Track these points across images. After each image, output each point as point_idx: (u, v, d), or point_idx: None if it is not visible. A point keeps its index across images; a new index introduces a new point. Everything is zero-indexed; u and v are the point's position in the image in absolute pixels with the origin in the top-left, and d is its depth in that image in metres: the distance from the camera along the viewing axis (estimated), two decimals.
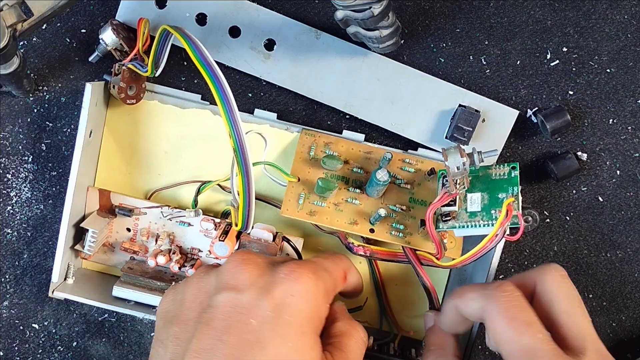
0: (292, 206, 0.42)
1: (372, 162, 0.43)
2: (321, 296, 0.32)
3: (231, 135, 0.36)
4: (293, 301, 0.30)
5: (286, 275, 0.31)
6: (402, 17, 0.45)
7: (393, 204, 0.42)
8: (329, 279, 0.34)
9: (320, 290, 0.32)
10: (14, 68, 0.41)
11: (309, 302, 0.31)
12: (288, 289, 0.31)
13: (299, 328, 0.30)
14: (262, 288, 0.31)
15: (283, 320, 0.30)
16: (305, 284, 0.31)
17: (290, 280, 0.31)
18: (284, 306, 0.30)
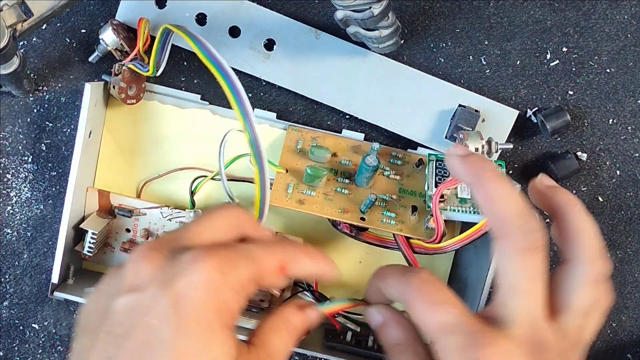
0: (280, 195, 0.42)
1: (360, 154, 0.44)
2: (230, 287, 0.28)
3: (245, 128, 0.36)
4: (196, 294, 0.27)
5: (188, 265, 0.27)
6: (402, 17, 0.45)
7: (383, 194, 0.42)
8: (247, 270, 0.29)
9: (229, 281, 0.28)
10: (14, 68, 0.41)
11: (214, 294, 0.27)
12: (189, 280, 0.27)
13: (204, 323, 0.27)
14: (163, 282, 0.27)
15: (186, 316, 0.26)
16: (209, 273, 0.27)
17: (191, 270, 0.27)
18: (185, 299, 0.27)
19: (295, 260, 0.32)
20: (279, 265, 0.31)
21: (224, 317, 0.28)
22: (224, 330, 0.28)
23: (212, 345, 0.27)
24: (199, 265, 0.27)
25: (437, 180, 0.41)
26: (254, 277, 0.29)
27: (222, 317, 0.28)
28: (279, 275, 0.31)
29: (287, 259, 0.31)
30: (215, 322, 0.27)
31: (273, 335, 0.32)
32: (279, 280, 0.31)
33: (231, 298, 0.28)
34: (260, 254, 0.30)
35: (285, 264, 0.31)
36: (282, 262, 0.31)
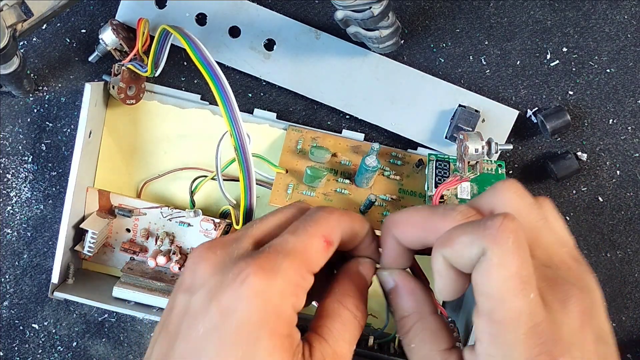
0: (280, 196, 0.42)
1: (360, 155, 0.44)
2: (277, 294, 0.28)
3: (232, 133, 0.36)
4: (240, 306, 0.27)
5: (234, 277, 0.28)
6: (402, 17, 0.45)
7: (383, 194, 0.42)
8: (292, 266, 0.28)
9: (275, 288, 0.27)
10: (14, 68, 0.41)
11: (259, 305, 0.27)
12: (235, 293, 0.27)
13: (250, 334, 0.27)
14: (211, 291, 0.28)
15: (231, 328, 0.27)
16: (253, 286, 0.27)
17: (237, 284, 0.27)
18: (231, 312, 0.27)
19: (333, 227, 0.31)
20: (322, 238, 0.30)
21: (274, 325, 0.27)
22: (273, 339, 0.27)
23: (257, 356, 0.27)
24: (243, 278, 0.27)
25: (437, 180, 0.41)
26: (300, 267, 0.29)
27: (272, 325, 0.27)
28: (324, 248, 0.30)
29: (325, 229, 0.30)
30: (263, 332, 0.27)
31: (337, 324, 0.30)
32: (328, 253, 0.30)
33: (282, 303, 0.28)
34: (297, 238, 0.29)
35: (326, 232, 0.30)
36: (324, 234, 0.30)
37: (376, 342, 0.44)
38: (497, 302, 0.25)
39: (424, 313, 0.31)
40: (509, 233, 0.25)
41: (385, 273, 0.32)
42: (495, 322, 0.25)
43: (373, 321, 0.45)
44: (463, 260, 0.26)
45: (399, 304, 0.31)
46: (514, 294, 0.25)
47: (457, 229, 0.27)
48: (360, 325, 0.31)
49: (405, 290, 0.31)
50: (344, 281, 0.32)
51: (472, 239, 0.26)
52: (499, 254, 0.25)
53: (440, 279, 0.28)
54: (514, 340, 0.25)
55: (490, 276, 0.25)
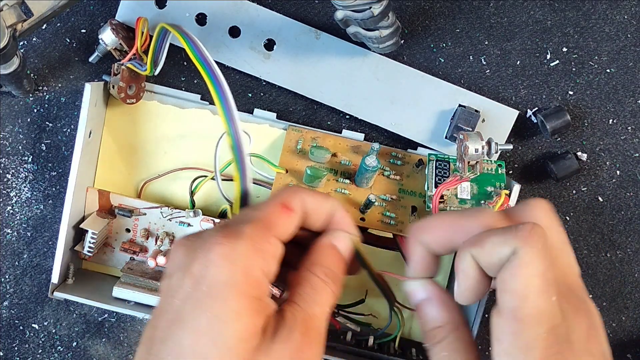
0: None
1: (360, 155, 0.43)
2: (242, 256, 0.29)
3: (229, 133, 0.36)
4: (208, 272, 0.28)
5: (201, 248, 0.29)
6: (402, 17, 0.45)
7: (383, 194, 0.42)
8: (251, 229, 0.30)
9: (239, 251, 0.29)
10: (14, 68, 0.41)
11: (224, 266, 0.28)
12: (203, 261, 0.29)
13: (218, 296, 0.28)
14: (185, 267, 0.29)
15: (201, 293, 0.28)
16: (217, 250, 0.29)
17: (204, 251, 0.29)
18: (201, 278, 0.28)
19: (290, 195, 0.32)
20: (280, 205, 0.31)
21: (242, 286, 0.28)
22: (241, 299, 0.28)
23: (223, 316, 0.28)
24: (209, 246, 0.29)
25: (437, 180, 0.41)
26: (263, 232, 0.30)
27: (240, 286, 0.28)
28: (285, 213, 0.31)
29: (283, 198, 0.32)
30: (231, 293, 0.28)
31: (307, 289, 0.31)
32: (290, 220, 0.31)
33: (249, 265, 0.29)
34: (257, 208, 0.31)
35: (285, 200, 0.31)
36: (282, 202, 0.31)
37: (376, 342, 0.44)
38: (522, 300, 0.26)
39: (458, 324, 0.31)
40: (539, 237, 0.26)
41: (417, 283, 0.32)
42: (518, 319, 0.26)
43: (373, 321, 0.45)
44: (492, 259, 0.27)
45: (433, 314, 0.32)
46: (538, 294, 0.26)
47: (488, 231, 0.28)
48: (332, 291, 0.32)
49: (439, 300, 0.32)
50: (314, 252, 0.33)
51: (505, 239, 0.27)
52: (529, 254, 0.26)
53: (465, 279, 0.29)
54: (534, 339, 0.26)
55: (519, 273, 0.26)
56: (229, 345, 0.28)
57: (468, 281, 0.29)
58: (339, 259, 0.33)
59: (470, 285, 0.29)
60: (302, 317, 0.30)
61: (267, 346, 0.29)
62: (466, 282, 0.29)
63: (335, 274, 0.33)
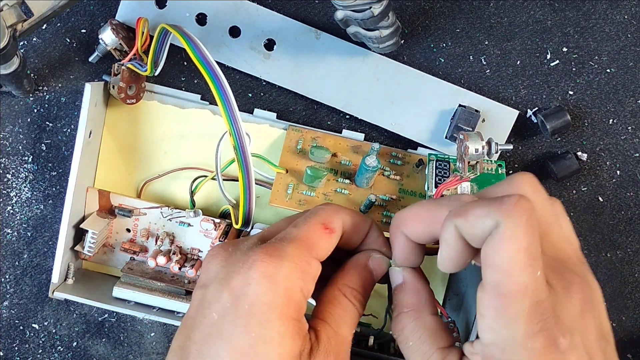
0: (280, 196, 0.42)
1: (360, 155, 0.44)
2: (285, 277, 0.29)
3: (231, 133, 0.36)
4: (250, 289, 0.29)
5: (243, 264, 0.30)
6: (402, 17, 0.45)
7: (383, 194, 0.42)
8: (294, 250, 0.30)
9: (283, 272, 0.29)
10: (14, 68, 0.41)
11: (269, 288, 0.29)
12: (245, 277, 0.29)
13: (261, 316, 0.28)
14: (223, 279, 0.30)
15: (242, 310, 0.28)
16: (261, 269, 0.29)
17: (245, 268, 0.29)
18: (242, 295, 0.29)
19: (331, 216, 0.33)
20: (321, 226, 0.32)
21: (285, 308, 0.29)
22: (284, 322, 0.29)
23: (267, 338, 0.28)
24: (252, 263, 0.29)
25: (437, 180, 0.41)
26: (305, 253, 0.30)
27: (282, 308, 0.29)
28: (326, 234, 0.32)
29: (324, 218, 0.32)
30: (274, 315, 0.28)
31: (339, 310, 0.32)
32: (330, 240, 0.32)
33: (290, 286, 0.29)
34: (299, 229, 0.32)
35: (325, 221, 0.32)
36: (323, 222, 0.32)
37: (376, 342, 0.44)
38: (505, 275, 0.25)
39: (423, 312, 0.32)
40: (524, 210, 0.26)
41: (397, 269, 0.33)
42: (501, 295, 0.25)
43: (373, 321, 0.45)
44: (475, 231, 0.27)
45: (402, 299, 0.32)
46: (522, 268, 0.25)
47: (472, 202, 0.28)
48: (358, 314, 0.33)
49: (411, 287, 0.33)
50: (348, 271, 0.34)
51: (488, 211, 0.26)
52: (512, 227, 0.25)
53: (447, 247, 0.28)
54: (518, 314, 0.25)
55: (502, 248, 0.25)
56: None
57: (450, 251, 0.28)
58: (371, 281, 0.34)
59: (451, 254, 0.29)
60: (335, 340, 0.31)
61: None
62: (448, 252, 0.28)
63: (364, 297, 0.33)
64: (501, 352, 0.26)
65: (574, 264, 0.29)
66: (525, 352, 0.25)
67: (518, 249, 0.25)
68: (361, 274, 0.34)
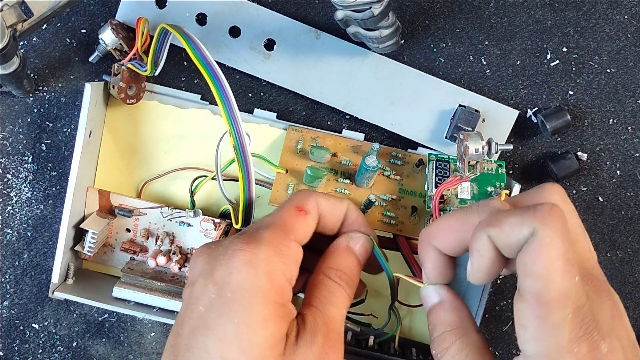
0: (280, 196, 0.42)
1: (360, 155, 0.44)
2: (264, 261, 0.29)
3: (231, 133, 0.36)
4: (232, 278, 0.29)
5: (223, 255, 0.30)
6: (402, 17, 0.45)
7: (383, 194, 0.42)
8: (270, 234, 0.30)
9: (261, 257, 0.29)
10: (14, 68, 0.41)
11: (248, 273, 0.29)
12: (226, 267, 0.29)
13: (243, 302, 0.28)
14: (207, 274, 0.30)
15: (226, 299, 0.28)
16: (239, 256, 0.29)
17: (226, 258, 0.29)
18: (225, 285, 0.29)
19: (304, 198, 0.33)
20: (295, 209, 0.32)
21: (267, 292, 0.29)
22: (266, 306, 0.29)
23: (250, 323, 0.28)
24: (231, 253, 0.29)
25: (437, 180, 0.41)
26: (281, 236, 0.31)
27: (264, 292, 0.29)
28: (301, 216, 0.32)
29: (296, 201, 0.33)
30: (257, 299, 0.28)
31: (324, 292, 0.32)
32: (306, 222, 0.32)
33: (271, 270, 0.29)
34: (273, 215, 0.32)
35: (299, 203, 0.33)
36: (296, 205, 0.32)
37: (376, 342, 0.44)
38: (546, 282, 0.25)
39: (468, 329, 0.31)
40: (558, 217, 0.26)
41: (431, 288, 0.32)
42: (543, 303, 0.25)
43: (373, 321, 0.45)
44: (510, 240, 0.26)
45: (444, 318, 0.31)
46: (562, 275, 0.25)
47: (506, 211, 0.28)
48: (347, 293, 0.33)
49: (451, 305, 0.32)
50: (330, 255, 0.34)
51: (523, 219, 0.26)
52: (550, 234, 0.25)
53: (480, 259, 0.28)
54: (561, 321, 0.25)
55: (540, 255, 0.25)
56: (257, 352, 0.28)
57: (483, 261, 0.28)
58: (354, 261, 0.34)
59: (484, 265, 0.28)
60: (322, 320, 0.30)
61: (291, 351, 0.29)
62: (480, 263, 0.28)
63: (350, 277, 0.33)
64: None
65: (599, 273, 0.29)
66: (572, 358, 0.25)
67: (557, 256, 0.25)
68: (343, 255, 0.34)
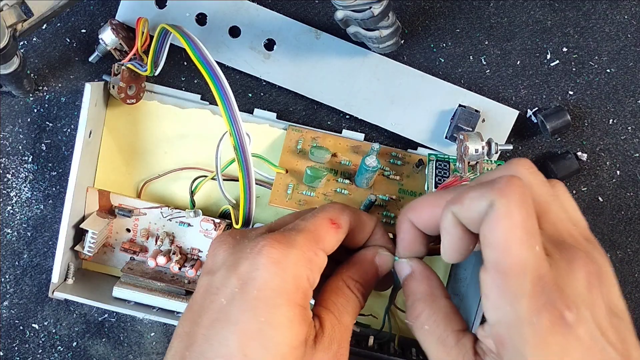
0: (280, 196, 0.42)
1: (360, 155, 0.44)
2: (292, 264, 0.29)
3: (231, 133, 0.36)
4: (258, 274, 0.29)
5: (251, 250, 0.30)
6: (402, 17, 0.45)
7: (383, 194, 0.42)
8: (303, 240, 0.31)
9: (291, 259, 0.29)
10: (14, 68, 0.41)
11: (276, 273, 0.29)
12: (253, 262, 0.29)
13: (268, 301, 0.28)
14: (231, 265, 0.30)
15: (250, 295, 0.28)
16: (269, 255, 0.29)
17: (254, 254, 0.30)
18: (250, 280, 0.29)
19: (338, 212, 0.34)
20: (329, 220, 0.33)
21: (292, 294, 0.29)
22: (292, 308, 0.29)
23: (275, 323, 0.28)
24: (260, 249, 0.30)
25: (437, 180, 0.41)
26: (312, 244, 0.31)
27: (289, 294, 0.29)
28: (332, 229, 0.33)
29: (331, 214, 0.33)
30: (281, 300, 0.29)
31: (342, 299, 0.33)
32: (336, 235, 0.33)
33: (298, 273, 0.30)
34: (307, 221, 0.33)
35: (333, 217, 0.33)
36: (330, 217, 0.33)
37: (376, 342, 0.44)
38: (503, 252, 0.25)
39: (437, 296, 0.32)
40: (515, 187, 0.26)
41: (403, 261, 0.34)
42: (502, 272, 0.25)
43: (373, 321, 0.45)
44: (471, 214, 0.27)
45: (414, 287, 0.33)
46: (519, 244, 0.25)
47: (467, 187, 0.28)
48: (360, 306, 0.33)
49: (421, 275, 0.33)
50: (354, 264, 0.34)
51: (481, 193, 0.26)
52: (506, 204, 0.25)
53: (448, 236, 0.29)
54: (520, 290, 0.25)
55: (497, 225, 0.26)
56: (280, 352, 0.28)
57: (452, 239, 0.29)
58: (374, 276, 0.35)
59: (454, 243, 0.29)
60: (338, 328, 0.31)
61: (310, 354, 0.29)
62: (450, 240, 0.29)
63: (366, 290, 0.34)
64: (507, 330, 0.26)
65: (578, 241, 0.28)
66: (532, 328, 0.25)
67: (513, 225, 0.25)
68: (366, 269, 0.34)
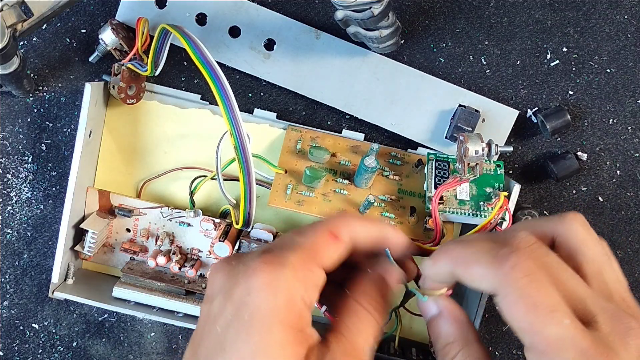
0: (279, 197, 0.42)
1: (359, 155, 0.44)
2: (284, 285, 0.28)
3: (232, 132, 0.37)
4: (250, 299, 0.28)
5: (243, 274, 0.29)
6: (402, 17, 0.45)
7: (382, 194, 0.42)
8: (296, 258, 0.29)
9: (282, 280, 0.28)
10: (14, 68, 0.41)
11: (268, 296, 0.28)
12: (245, 287, 0.28)
13: (262, 326, 0.28)
14: (226, 292, 0.29)
15: (243, 321, 0.28)
16: (259, 277, 0.28)
17: (246, 278, 0.28)
18: (242, 306, 0.28)
19: (340, 223, 0.31)
20: (328, 233, 0.30)
21: (285, 317, 0.28)
22: (285, 330, 0.28)
23: (267, 347, 0.27)
24: (251, 272, 0.28)
25: (437, 181, 0.41)
26: (306, 261, 0.29)
27: (282, 316, 0.28)
28: (332, 242, 0.30)
29: (331, 225, 0.31)
30: (275, 324, 0.28)
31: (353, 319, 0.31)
32: (337, 248, 0.30)
33: (291, 295, 0.28)
34: (303, 236, 0.30)
35: (334, 228, 0.31)
36: (331, 229, 0.30)
37: None
38: (533, 335, 0.25)
39: (470, 340, 0.30)
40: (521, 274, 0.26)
41: (430, 300, 0.32)
42: (542, 353, 0.25)
43: None
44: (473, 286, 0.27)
45: (444, 330, 0.31)
46: (545, 323, 0.25)
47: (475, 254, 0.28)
48: (376, 322, 0.31)
49: (451, 317, 0.31)
50: (364, 281, 0.32)
51: (485, 273, 0.26)
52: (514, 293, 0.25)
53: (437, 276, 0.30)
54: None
55: (516, 312, 0.25)
56: None
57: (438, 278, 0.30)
58: (387, 291, 0.33)
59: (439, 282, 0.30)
60: (345, 347, 0.29)
61: None
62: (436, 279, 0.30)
63: (382, 308, 0.32)
64: None
65: (628, 305, 0.28)
66: None
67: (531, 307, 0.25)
68: (377, 283, 0.32)
